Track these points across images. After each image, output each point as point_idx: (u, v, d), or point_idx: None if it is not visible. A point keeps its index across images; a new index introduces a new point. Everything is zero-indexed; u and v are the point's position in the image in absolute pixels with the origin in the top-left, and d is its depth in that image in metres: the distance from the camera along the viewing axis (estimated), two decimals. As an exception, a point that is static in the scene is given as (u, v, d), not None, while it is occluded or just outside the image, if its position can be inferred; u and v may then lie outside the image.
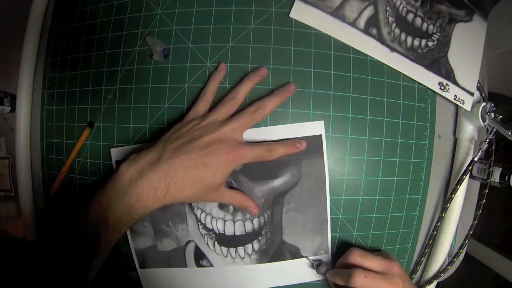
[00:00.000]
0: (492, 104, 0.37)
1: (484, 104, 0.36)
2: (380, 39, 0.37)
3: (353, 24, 0.37)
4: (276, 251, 0.37)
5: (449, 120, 0.40)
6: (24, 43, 0.44)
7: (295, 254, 0.38)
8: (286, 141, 0.33)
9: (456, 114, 0.40)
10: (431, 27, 0.38)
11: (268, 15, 0.37)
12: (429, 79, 0.38)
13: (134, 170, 0.27)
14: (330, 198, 0.37)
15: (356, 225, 0.38)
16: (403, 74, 0.37)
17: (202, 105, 0.33)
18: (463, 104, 0.38)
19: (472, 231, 0.39)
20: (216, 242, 0.37)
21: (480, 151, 0.36)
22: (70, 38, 0.43)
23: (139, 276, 0.39)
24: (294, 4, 0.36)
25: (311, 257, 0.37)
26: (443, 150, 0.40)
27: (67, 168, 0.42)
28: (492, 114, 0.36)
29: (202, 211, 0.36)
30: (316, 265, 0.37)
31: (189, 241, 0.37)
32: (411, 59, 0.38)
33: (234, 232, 0.36)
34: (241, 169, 0.34)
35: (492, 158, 0.37)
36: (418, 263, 0.41)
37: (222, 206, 0.35)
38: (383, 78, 0.37)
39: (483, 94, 0.39)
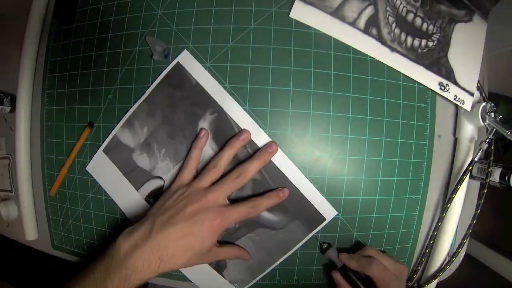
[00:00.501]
0: (492, 104, 0.37)
1: (484, 104, 0.36)
2: (380, 39, 0.37)
3: (353, 24, 0.37)
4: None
5: (449, 120, 0.40)
6: (24, 43, 0.44)
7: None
8: (270, 193, 0.34)
9: (456, 114, 0.40)
10: (431, 27, 0.38)
11: (268, 15, 0.37)
12: (429, 79, 0.38)
13: (129, 244, 0.29)
14: (329, 199, 0.37)
15: (356, 225, 0.38)
16: (403, 74, 0.37)
17: (186, 174, 0.34)
18: (463, 104, 0.38)
19: (470, 231, 0.39)
20: None
21: (480, 151, 0.36)
22: (70, 38, 0.43)
23: None
24: (294, 4, 0.36)
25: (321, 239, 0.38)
26: (443, 150, 0.40)
27: (67, 169, 0.42)
28: (492, 114, 0.36)
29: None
30: (325, 247, 0.37)
31: None
32: (411, 59, 0.38)
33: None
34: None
35: (491, 158, 0.37)
36: (418, 263, 0.41)
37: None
38: (383, 78, 0.37)
39: (483, 94, 0.39)
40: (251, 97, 0.36)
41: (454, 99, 0.38)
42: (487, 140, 0.36)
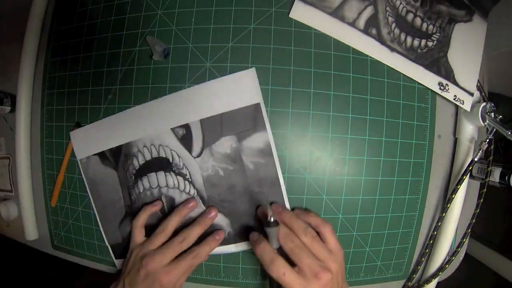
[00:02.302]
0: (492, 104, 0.37)
1: (484, 104, 0.36)
2: (380, 39, 0.37)
3: (352, 24, 0.37)
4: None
5: (449, 120, 0.40)
6: (24, 43, 0.44)
7: None
8: (207, 239, 0.36)
9: (456, 114, 0.40)
10: (430, 27, 0.38)
11: (268, 15, 0.37)
12: (429, 79, 0.38)
13: None
14: (329, 199, 0.37)
15: (356, 225, 0.38)
16: (403, 74, 0.37)
17: (137, 234, 0.38)
18: (463, 104, 0.38)
19: (470, 230, 0.39)
20: None
21: (480, 151, 0.36)
22: (70, 38, 0.43)
23: None
24: (294, 4, 0.36)
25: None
26: (443, 150, 0.40)
27: (63, 174, 0.42)
28: (492, 114, 0.36)
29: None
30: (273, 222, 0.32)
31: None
32: (410, 59, 0.37)
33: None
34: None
35: (491, 158, 0.37)
36: (418, 263, 0.41)
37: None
38: (383, 78, 0.37)
39: (483, 94, 0.39)
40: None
41: (454, 99, 0.38)
42: (487, 140, 0.36)
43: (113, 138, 0.39)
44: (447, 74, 0.38)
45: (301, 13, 0.36)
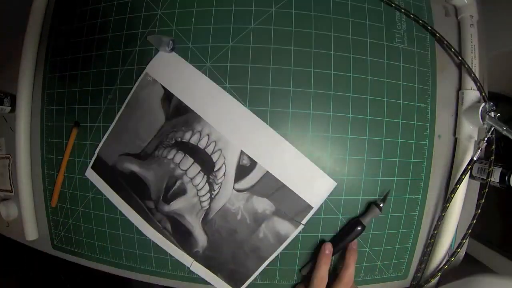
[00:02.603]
0: (492, 104, 0.36)
1: (484, 104, 0.36)
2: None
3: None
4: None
5: (449, 120, 0.40)
6: (24, 43, 0.44)
7: None
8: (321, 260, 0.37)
9: (456, 114, 0.40)
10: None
11: (268, 15, 0.37)
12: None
13: None
14: (329, 199, 0.37)
15: (356, 225, 0.38)
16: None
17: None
18: None
19: (470, 231, 0.39)
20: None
21: (479, 150, 0.36)
22: (70, 38, 0.43)
23: None
24: None
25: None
26: (443, 150, 0.40)
27: (63, 175, 0.42)
28: (492, 114, 0.36)
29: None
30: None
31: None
32: None
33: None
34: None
35: (492, 158, 0.37)
36: (421, 262, 0.41)
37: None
38: (383, 78, 0.37)
39: (483, 94, 0.39)
40: (251, 97, 0.36)
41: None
42: (486, 139, 0.36)
43: (191, 95, 0.36)
44: None
45: None
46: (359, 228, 0.36)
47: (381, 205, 0.37)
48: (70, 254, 0.45)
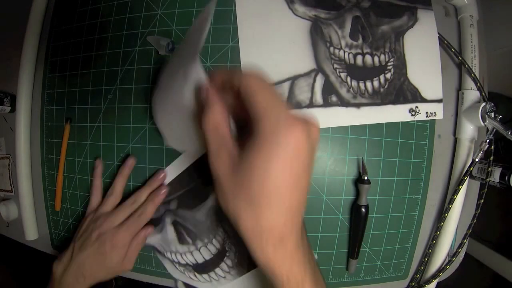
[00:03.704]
0: (492, 104, 0.36)
1: (484, 104, 0.36)
2: (342, 103, 0.36)
3: (311, 104, 0.35)
4: (250, 259, 0.37)
5: (449, 120, 0.40)
6: (24, 43, 0.44)
7: None
8: (151, 196, 0.37)
9: (456, 114, 0.40)
10: (382, 57, 0.37)
11: (268, 15, 0.36)
12: (399, 113, 0.37)
13: (60, 267, 0.36)
14: (329, 199, 0.37)
15: (356, 225, 0.38)
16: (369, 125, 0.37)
17: (94, 199, 0.39)
18: (435, 116, 0.38)
19: (470, 231, 0.39)
20: (195, 272, 0.39)
21: (481, 152, 0.36)
22: (70, 38, 0.43)
23: None
24: None
25: None
26: (443, 150, 0.40)
27: (62, 176, 0.42)
28: (492, 114, 0.36)
29: (170, 252, 0.39)
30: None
31: (176, 280, 0.40)
32: (377, 104, 0.36)
33: (204, 257, 0.38)
34: (176, 206, 0.38)
35: (492, 158, 0.37)
36: (421, 263, 0.41)
37: (182, 241, 0.38)
38: (383, 78, 0.37)
39: (483, 94, 0.39)
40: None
41: (427, 116, 0.38)
42: (487, 141, 0.36)
43: None
44: (414, 96, 0.38)
45: None
46: (363, 211, 0.36)
47: (366, 177, 0.36)
48: (70, 254, 0.45)
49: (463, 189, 0.38)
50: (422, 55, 0.38)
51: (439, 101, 0.38)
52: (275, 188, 0.18)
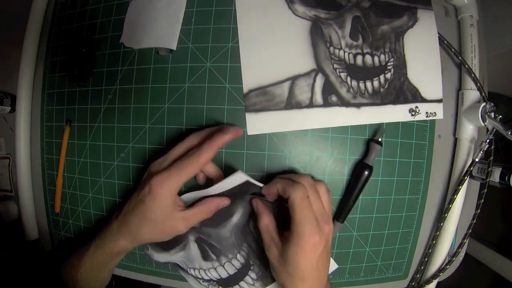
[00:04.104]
0: (492, 104, 0.36)
1: (484, 104, 0.36)
2: (343, 103, 0.36)
3: (311, 105, 0.35)
4: None
5: (449, 120, 0.40)
6: (24, 43, 0.44)
7: None
8: (211, 128, 0.32)
9: (456, 114, 0.40)
10: (382, 57, 0.37)
11: (268, 15, 0.36)
12: (399, 113, 0.37)
13: (116, 222, 0.33)
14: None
15: (356, 225, 0.38)
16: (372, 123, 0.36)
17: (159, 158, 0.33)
18: (435, 116, 0.38)
19: (471, 231, 0.39)
20: (219, 287, 0.39)
21: (481, 152, 0.36)
22: (70, 38, 0.43)
23: None
24: (246, 119, 0.35)
25: None
26: (443, 150, 0.40)
27: (61, 177, 0.42)
28: (492, 114, 0.36)
29: (194, 269, 0.38)
30: None
31: None
32: (377, 104, 0.36)
33: (228, 272, 0.37)
34: (199, 224, 0.35)
35: (491, 158, 0.37)
36: (421, 263, 0.41)
37: (206, 258, 0.37)
38: (383, 78, 0.37)
39: (483, 94, 0.39)
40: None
41: (427, 116, 0.38)
42: (487, 141, 0.36)
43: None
44: (414, 96, 0.37)
45: (258, 126, 0.35)
46: (366, 172, 0.35)
47: (380, 139, 0.35)
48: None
49: (463, 189, 0.38)
50: (422, 55, 0.38)
51: (439, 101, 0.38)
52: (302, 270, 0.29)
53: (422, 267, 0.41)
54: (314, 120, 0.36)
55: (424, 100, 0.38)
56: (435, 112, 0.38)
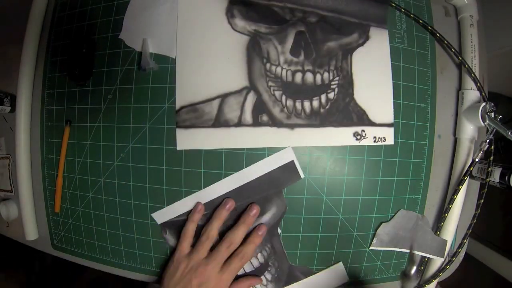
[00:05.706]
0: (492, 104, 0.36)
1: (484, 104, 0.36)
2: (274, 123, 0.34)
3: (239, 123, 0.34)
4: (288, 275, 0.39)
5: (449, 120, 0.40)
6: (24, 43, 0.44)
7: (307, 272, 0.39)
8: (250, 237, 0.36)
9: (456, 114, 0.40)
10: (326, 75, 0.34)
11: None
12: (343, 136, 0.35)
13: None
14: (329, 199, 0.37)
15: (356, 225, 0.38)
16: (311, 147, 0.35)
17: (185, 244, 0.37)
18: (385, 141, 0.36)
19: (471, 231, 0.39)
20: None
21: (481, 152, 0.36)
22: (70, 38, 0.43)
23: None
24: (177, 134, 0.35)
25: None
26: (443, 150, 0.40)
27: (61, 178, 0.42)
28: (492, 114, 0.36)
29: None
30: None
31: None
32: (315, 126, 0.34)
33: (244, 270, 0.38)
34: (228, 218, 0.36)
35: (491, 158, 0.37)
36: (421, 263, 0.41)
37: None
38: (383, 78, 0.37)
39: (483, 94, 0.39)
40: None
41: (374, 141, 0.36)
42: (487, 141, 0.36)
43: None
44: (360, 118, 0.35)
45: (187, 141, 0.35)
46: None
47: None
48: (70, 254, 0.45)
49: (463, 189, 0.38)
50: (371, 75, 0.36)
51: (390, 125, 0.36)
52: None
53: (422, 267, 0.41)
54: (242, 139, 0.34)
55: (372, 124, 0.36)
56: (384, 137, 0.36)
